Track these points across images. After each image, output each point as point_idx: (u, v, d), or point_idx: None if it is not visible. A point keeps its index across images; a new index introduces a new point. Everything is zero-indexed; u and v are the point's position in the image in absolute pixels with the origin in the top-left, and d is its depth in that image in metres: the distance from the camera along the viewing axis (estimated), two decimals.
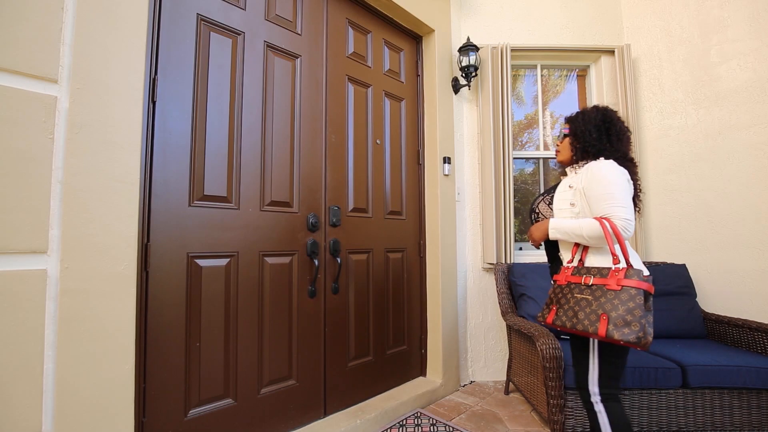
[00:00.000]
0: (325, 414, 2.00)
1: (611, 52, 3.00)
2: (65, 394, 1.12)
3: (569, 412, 1.80)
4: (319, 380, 1.98)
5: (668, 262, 2.69)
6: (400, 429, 2.05)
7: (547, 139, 3.24)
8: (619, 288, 1.22)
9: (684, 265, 2.53)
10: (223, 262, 1.67)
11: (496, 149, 2.78)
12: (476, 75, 2.79)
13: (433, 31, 2.70)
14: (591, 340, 1.36)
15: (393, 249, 2.46)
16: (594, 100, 3.13)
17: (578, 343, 1.42)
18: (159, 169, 1.50)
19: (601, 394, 1.35)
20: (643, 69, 2.99)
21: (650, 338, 1.17)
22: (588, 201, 1.38)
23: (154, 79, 1.50)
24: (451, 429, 2.05)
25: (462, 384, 2.71)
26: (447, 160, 2.68)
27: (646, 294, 1.21)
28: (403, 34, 2.67)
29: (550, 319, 1.39)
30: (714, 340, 2.27)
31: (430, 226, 2.65)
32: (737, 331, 2.15)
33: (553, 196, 1.56)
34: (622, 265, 1.26)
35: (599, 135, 1.45)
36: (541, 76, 3.18)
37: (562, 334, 2.19)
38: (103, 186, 1.23)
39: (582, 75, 3.25)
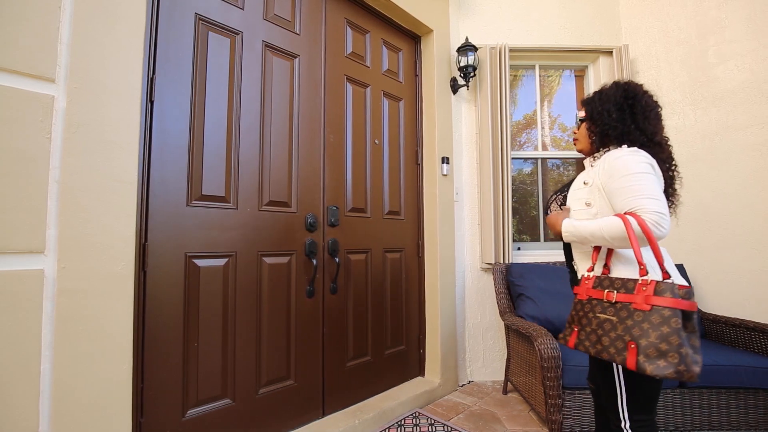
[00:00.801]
0: (324, 414, 2.00)
1: (609, 52, 3.01)
2: (62, 394, 1.12)
3: (567, 411, 1.80)
4: (318, 380, 1.98)
5: None
6: (399, 429, 2.05)
7: (546, 139, 3.24)
8: (649, 308, 0.98)
9: (681, 265, 2.54)
10: (221, 262, 1.67)
11: (495, 149, 2.78)
12: (475, 75, 2.80)
13: (432, 31, 2.70)
14: (614, 363, 1.13)
15: (391, 249, 2.46)
16: None
17: (601, 366, 1.22)
18: (157, 168, 1.50)
19: (632, 420, 1.13)
20: (641, 69, 3.00)
21: (696, 368, 0.93)
22: (609, 198, 1.16)
23: (152, 79, 1.50)
24: (450, 429, 2.05)
25: (460, 384, 2.71)
26: (445, 160, 2.68)
27: (687, 314, 0.98)
28: (402, 34, 2.67)
29: (572, 342, 1.17)
30: (711, 340, 2.27)
31: (428, 226, 2.65)
32: (734, 331, 2.16)
33: (566, 195, 1.35)
34: (651, 276, 1.03)
35: (621, 114, 1.20)
36: (540, 76, 3.18)
37: None
38: (100, 185, 1.23)
39: (580, 75, 3.25)
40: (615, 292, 1.07)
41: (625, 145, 1.20)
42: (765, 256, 2.37)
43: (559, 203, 1.39)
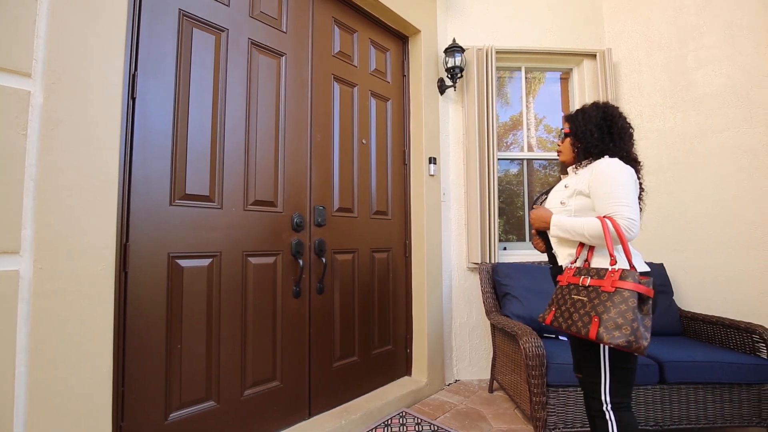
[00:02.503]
0: (310, 415, 1.99)
1: (593, 55, 3.07)
2: (38, 399, 1.08)
3: (551, 409, 1.83)
4: (304, 381, 1.97)
5: (647, 261, 2.76)
6: (386, 429, 2.05)
7: (532, 140, 3.29)
8: (613, 290, 1.19)
9: (662, 265, 2.60)
10: (206, 262, 1.64)
11: (481, 150, 2.80)
12: (462, 76, 2.82)
13: (420, 31, 2.71)
14: (601, 348, 1.31)
15: (378, 249, 2.46)
16: (576, 102, 3.19)
17: (587, 353, 1.37)
18: (139, 167, 1.47)
19: (612, 402, 1.31)
20: (624, 73, 3.07)
21: (644, 342, 1.13)
22: (593, 200, 1.35)
23: (134, 75, 1.46)
24: (436, 428, 2.06)
25: (447, 383, 2.73)
26: (433, 160, 2.70)
27: (643, 297, 1.17)
28: (390, 34, 2.67)
29: (548, 319, 1.37)
30: (690, 337, 2.34)
31: (415, 226, 2.66)
32: (711, 328, 2.22)
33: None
34: (619, 266, 1.23)
35: (601, 134, 1.41)
36: (526, 78, 3.23)
37: (560, 334, 2.24)
38: (79, 184, 1.19)
39: (565, 78, 3.31)
40: (589, 278, 1.28)
41: (606, 156, 1.38)
42: (740, 256, 2.45)
43: (542, 202, 1.56)
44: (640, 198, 1.41)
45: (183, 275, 1.57)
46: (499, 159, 3.05)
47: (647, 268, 1.33)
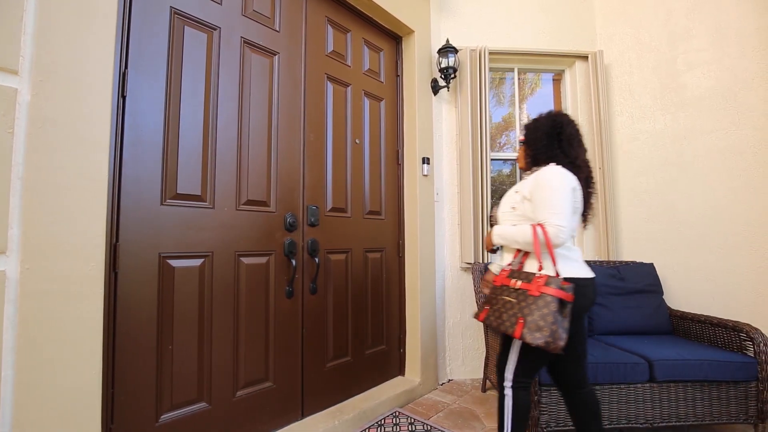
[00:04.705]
0: (303, 416, 1.98)
1: (585, 57, 3.09)
2: (25, 402, 1.06)
3: (543, 408, 1.84)
4: (297, 382, 1.96)
5: (637, 261, 2.80)
6: (379, 429, 2.05)
7: None
8: (538, 294, 1.30)
9: (652, 264, 2.63)
10: (197, 262, 1.63)
11: (474, 150, 2.81)
12: (455, 77, 2.82)
13: (413, 32, 2.72)
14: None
15: (372, 249, 2.46)
16: (569, 103, 3.22)
17: (507, 340, 1.51)
18: (129, 166, 1.45)
19: (512, 381, 1.45)
20: (615, 75, 3.10)
21: (561, 343, 1.25)
22: (533, 205, 1.43)
23: (124, 73, 1.45)
24: (429, 427, 2.06)
25: (440, 382, 2.73)
26: (426, 160, 2.70)
27: (563, 302, 1.28)
28: (383, 34, 2.67)
29: (482, 317, 1.48)
30: (679, 336, 2.37)
31: (409, 226, 2.66)
32: (700, 327, 2.25)
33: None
34: (545, 272, 1.34)
35: (549, 141, 1.49)
36: (518, 79, 3.24)
37: None
38: (68, 183, 1.18)
39: (558, 79, 3.33)
40: (519, 281, 1.38)
41: (553, 164, 1.45)
42: (728, 255, 2.49)
43: (498, 206, 1.68)
44: (589, 201, 1.51)
45: (174, 275, 1.55)
46: (492, 159, 3.06)
47: (583, 275, 1.42)
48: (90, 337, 1.20)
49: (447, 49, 2.71)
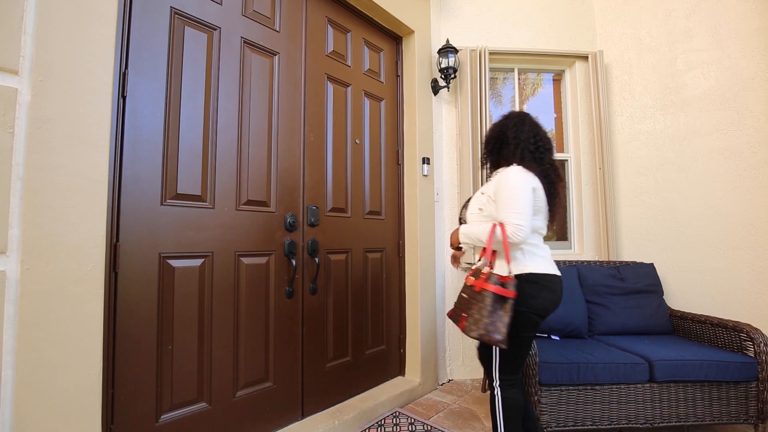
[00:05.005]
0: (303, 416, 1.98)
1: (585, 57, 3.10)
2: (25, 402, 1.06)
3: (543, 408, 1.84)
4: (297, 382, 1.96)
5: (637, 261, 2.80)
6: (379, 429, 2.05)
7: None
8: (479, 290, 1.39)
9: (652, 264, 2.63)
10: (197, 262, 1.63)
11: (474, 150, 2.81)
12: (455, 77, 2.83)
13: (413, 32, 2.72)
14: None
15: (372, 249, 2.46)
16: (569, 103, 3.22)
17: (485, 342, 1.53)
18: (129, 166, 1.45)
19: (501, 380, 1.51)
20: (615, 75, 3.10)
21: (496, 336, 1.31)
22: (495, 206, 1.48)
23: (124, 74, 1.45)
24: (429, 428, 2.06)
25: (440, 383, 2.73)
26: (426, 160, 2.70)
27: (502, 298, 1.34)
28: (383, 34, 2.67)
29: (449, 312, 1.60)
30: (679, 336, 2.37)
31: (409, 226, 2.66)
32: (700, 327, 2.25)
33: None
34: (495, 270, 1.42)
35: (495, 144, 1.60)
36: (519, 79, 3.24)
37: (552, 333, 2.27)
38: (68, 183, 1.18)
39: (558, 79, 3.34)
40: (472, 278, 1.46)
41: (514, 164, 1.50)
42: (727, 255, 2.49)
43: (467, 207, 1.72)
44: (553, 200, 1.54)
45: (174, 276, 1.55)
46: None
47: (549, 271, 1.47)
48: (90, 338, 1.20)
49: (447, 49, 2.71)
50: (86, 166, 1.22)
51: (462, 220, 1.75)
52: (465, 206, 1.74)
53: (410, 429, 2.05)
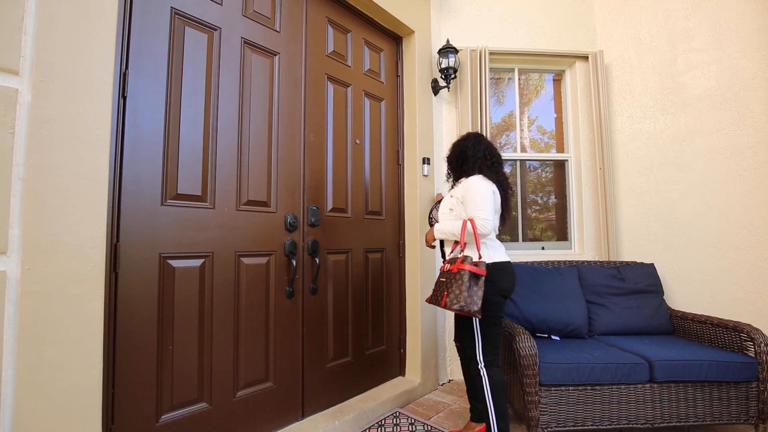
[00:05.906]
0: (303, 416, 1.98)
1: (585, 57, 3.10)
2: (25, 402, 1.07)
3: (544, 408, 1.84)
4: (297, 382, 1.96)
5: (638, 261, 2.80)
6: (379, 429, 2.05)
7: (525, 141, 3.31)
8: (456, 270, 1.63)
9: (652, 264, 2.63)
10: (198, 262, 1.63)
11: None
12: (455, 77, 2.83)
13: (413, 32, 2.72)
14: (473, 320, 1.71)
15: (372, 249, 2.46)
16: (569, 103, 3.22)
17: (465, 326, 1.77)
18: (129, 166, 1.45)
19: (485, 361, 1.71)
20: (615, 75, 3.10)
21: (474, 308, 1.56)
22: (464, 205, 1.78)
23: (124, 74, 1.45)
24: (430, 428, 2.06)
25: (440, 383, 2.73)
26: (426, 160, 2.70)
27: (476, 275, 1.60)
28: (384, 34, 2.67)
29: (429, 298, 1.79)
30: (679, 336, 2.37)
31: (409, 226, 2.66)
32: (700, 327, 2.25)
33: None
34: (465, 254, 1.68)
35: (457, 160, 1.95)
36: (519, 79, 3.25)
37: (552, 334, 2.28)
38: (68, 184, 1.18)
39: (558, 79, 3.34)
40: (448, 264, 1.72)
41: (476, 173, 1.83)
42: (727, 255, 2.49)
43: (436, 209, 1.99)
44: (507, 203, 1.90)
45: (175, 276, 1.55)
46: None
47: (503, 259, 1.78)
48: (90, 338, 1.20)
49: (447, 50, 2.71)
50: (86, 166, 1.22)
51: (432, 219, 2.20)
52: (434, 208, 2.12)
53: (410, 429, 2.05)
